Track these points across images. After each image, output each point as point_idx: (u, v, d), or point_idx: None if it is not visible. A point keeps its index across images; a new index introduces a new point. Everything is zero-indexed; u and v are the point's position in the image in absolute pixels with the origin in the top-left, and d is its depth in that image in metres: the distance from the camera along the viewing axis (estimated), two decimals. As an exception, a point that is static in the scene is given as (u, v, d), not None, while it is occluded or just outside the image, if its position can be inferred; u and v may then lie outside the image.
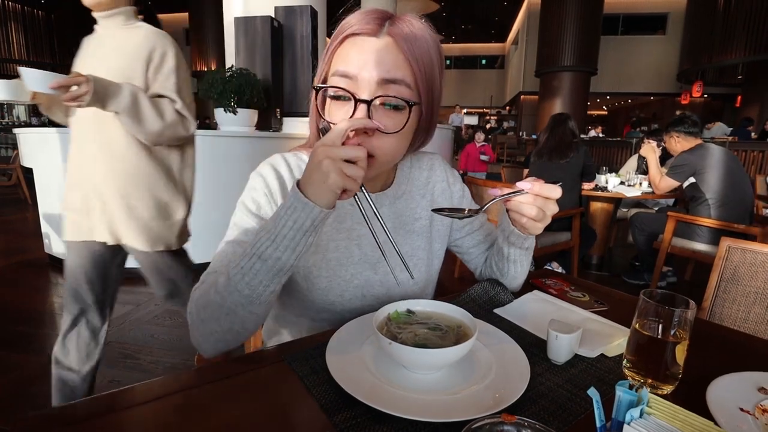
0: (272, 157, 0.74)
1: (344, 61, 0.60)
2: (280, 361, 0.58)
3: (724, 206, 2.44)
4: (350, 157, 0.51)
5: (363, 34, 0.59)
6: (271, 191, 0.69)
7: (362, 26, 0.59)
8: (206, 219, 3.07)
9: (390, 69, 0.59)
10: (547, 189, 0.60)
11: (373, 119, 0.58)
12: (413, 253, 0.77)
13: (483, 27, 18.19)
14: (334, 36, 0.62)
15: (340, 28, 0.61)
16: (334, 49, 0.62)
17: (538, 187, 0.60)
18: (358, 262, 0.73)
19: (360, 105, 0.58)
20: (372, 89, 0.58)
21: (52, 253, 3.17)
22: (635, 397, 0.39)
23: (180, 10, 15.49)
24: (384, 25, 0.60)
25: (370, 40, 0.59)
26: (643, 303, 0.54)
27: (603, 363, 0.59)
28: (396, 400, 0.47)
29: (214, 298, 0.57)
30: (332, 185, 0.51)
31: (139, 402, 0.50)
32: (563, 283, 0.89)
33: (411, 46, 0.60)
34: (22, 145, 3.31)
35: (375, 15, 0.60)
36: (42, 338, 2.12)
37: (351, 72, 0.59)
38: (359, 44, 0.59)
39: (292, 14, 4.08)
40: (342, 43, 0.61)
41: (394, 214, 0.76)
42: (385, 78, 0.58)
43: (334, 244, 0.72)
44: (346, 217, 0.73)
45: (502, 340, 0.61)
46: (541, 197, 0.60)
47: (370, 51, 0.59)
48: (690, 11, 12.54)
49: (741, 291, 1.15)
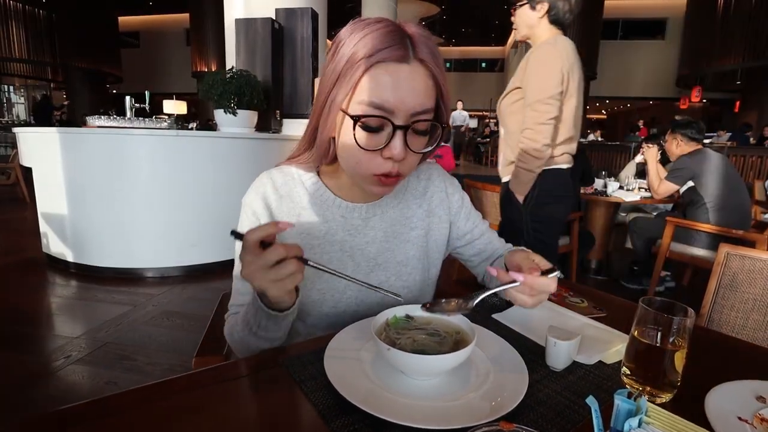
0: (259, 179, 0.73)
1: (378, 92, 0.58)
2: (278, 365, 0.58)
3: (722, 210, 2.45)
4: (272, 263, 0.50)
5: (392, 61, 0.58)
6: (258, 222, 0.70)
7: (390, 53, 0.57)
8: (208, 220, 3.08)
9: (424, 101, 0.60)
10: (541, 283, 0.58)
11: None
12: (407, 262, 0.76)
13: (483, 30, 18.23)
14: (353, 58, 0.58)
15: (361, 51, 0.58)
16: (360, 76, 0.58)
17: (531, 281, 0.57)
18: (351, 273, 0.72)
19: (398, 132, 0.59)
20: (407, 117, 0.59)
21: (50, 253, 3.16)
22: (634, 407, 0.39)
23: (181, 11, 15.54)
24: (408, 46, 0.58)
25: (402, 69, 0.58)
26: (642, 310, 0.54)
27: (601, 370, 0.59)
28: (394, 406, 0.47)
29: (237, 343, 0.67)
30: (277, 294, 0.53)
31: (134, 405, 0.50)
32: (562, 289, 0.89)
33: (437, 68, 0.60)
34: (22, 144, 3.30)
35: (397, 36, 0.58)
36: (39, 338, 2.11)
37: (388, 105, 0.58)
38: (392, 74, 0.58)
39: (293, 16, 4.09)
40: (369, 69, 0.58)
41: (389, 222, 0.75)
42: (421, 109, 0.59)
43: (327, 257, 0.72)
44: (338, 230, 0.72)
45: (500, 346, 0.61)
46: (534, 290, 0.58)
47: (405, 80, 0.58)
48: (689, 17, 12.60)
49: (739, 298, 1.15)
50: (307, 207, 0.72)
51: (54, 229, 3.09)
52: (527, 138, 1.50)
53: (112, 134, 2.84)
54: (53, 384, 1.74)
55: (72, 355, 1.94)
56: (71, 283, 2.87)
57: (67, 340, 2.06)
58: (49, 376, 1.79)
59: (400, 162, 0.61)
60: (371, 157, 0.61)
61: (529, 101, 1.50)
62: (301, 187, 0.72)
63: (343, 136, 0.62)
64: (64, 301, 2.61)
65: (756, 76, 11.02)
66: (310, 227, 0.72)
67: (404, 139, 0.59)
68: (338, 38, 0.62)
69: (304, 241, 0.71)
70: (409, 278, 0.76)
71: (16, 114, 15.27)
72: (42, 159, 3.04)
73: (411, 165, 0.64)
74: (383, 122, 0.58)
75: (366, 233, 0.73)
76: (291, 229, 0.71)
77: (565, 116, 1.53)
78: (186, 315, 2.40)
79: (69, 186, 2.92)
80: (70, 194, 2.93)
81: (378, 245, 0.74)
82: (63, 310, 2.49)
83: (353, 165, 0.63)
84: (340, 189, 0.73)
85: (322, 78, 0.64)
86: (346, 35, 0.60)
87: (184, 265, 3.03)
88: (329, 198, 0.72)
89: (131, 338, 2.12)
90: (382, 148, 0.60)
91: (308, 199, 0.72)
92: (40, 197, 3.15)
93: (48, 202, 3.08)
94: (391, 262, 0.75)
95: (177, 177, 2.94)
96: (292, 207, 0.72)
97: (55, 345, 2.03)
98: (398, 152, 0.59)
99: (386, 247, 0.74)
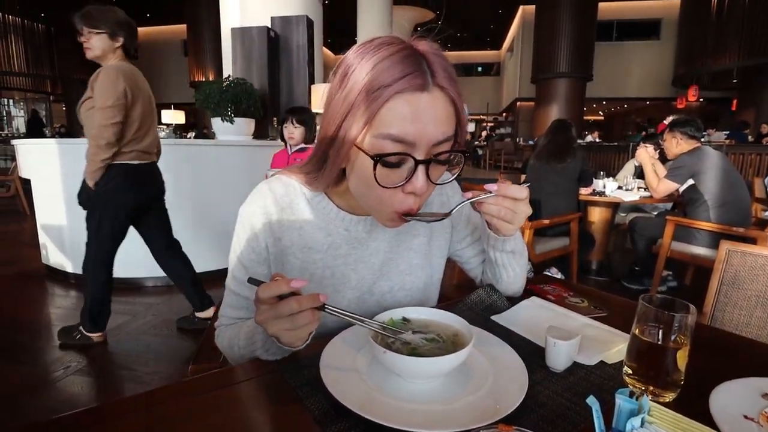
0: (258, 191, 0.71)
1: (397, 124, 0.54)
2: (275, 371, 0.57)
3: (722, 207, 2.44)
4: (286, 315, 0.50)
5: (411, 91, 0.53)
6: (258, 238, 0.69)
7: (409, 82, 0.53)
8: (204, 227, 3.07)
9: (446, 129, 0.56)
10: (512, 190, 0.60)
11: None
12: (410, 270, 0.76)
13: (478, 35, 18.33)
14: (368, 88, 0.54)
15: (376, 81, 0.53)
16: (378, 109, 0.54)
17: (503, 188, 0.60)
18: (355, 287, 0.72)
19: (420, 167, 0.55)
20: (428, 149, 0.56)
21: (50, 264, 3.15)
22: (636, 406, 0.38)
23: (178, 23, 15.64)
24: (426, 72, 0.54)
25: (422, 98, 0.54)
26: (643, 308, 0.53)
27: (603, 370, 0.58)
28: (391, 410, 0.46)
29: (238, 357, 0.65)
30: (290, 341, 0.53)
31: (130, 412, 0.49)
32: (562, 289, 0.88)
33: (456, 93, 0.57)
34: (21, 157, 3.30)
35: (414, 62, 0.54)
36: (38, 349, 2.10)
37: (409, 139, 0.54)
38: (411, 104, 0.53)
39: (288, 24, 4.11)
40: (387, 102, 0.53)
41: (393, 232, 0.74)
42: (443, 138, 0.56)
43: (330, 271, 0.71)
44: (342, 243, 0.71)
45: (499, 347, 0.60)
46: (509, 198, 0.61)
47: (425, 110, 0.54)
48: (683, 16, 12.65)
49: (742, 295, 1.14)
50: (309, 220, 0.70)
51: (53, 240, 3.09)
52: (93, 137, 1.86)
53: (110, 144, 2.84)
54: (53, 395, 1.72)
55: (71, 365, 1.92)
56: (70, 294, 2.86)
57: (67, 351, 2.05)
58: (48, 387, 1.77)
59: (421, 195, 0.58)
60: (392, 194, 0.57)
61: (96, 107, 1.85)
62: (302, 199, 0.70)
63: (359, 171, 0.58)
64: (64, 312, 2.60)
65: (752, 75, 11.05)
66: (312, 241, 0.70)
67: (426, 172, 0.56)
68: (346, 62, 0.57)
69: (307, 256, 0.70)
70: (413, 286, 0.76)
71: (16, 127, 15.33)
72: (40, 170, 3.04)
73: (429, 194, 0.61)
74: (404, 158, 0.55)
75: (369, 245, 0.72)
76: (293, 242, 0.70)
77: (131, 120, 1.94)
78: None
79: (67, 197, 2.92)
80: (68, 205, 2.93)
81: (382, 256, 0.73)
82: (62, 321, 2.47)
83: (373, 202, 0.60)
84: (345, 204, 0.71)
85: (329, 104, 0.59)
86: (356, 60, 0.56)
87: (184, 273, 3.02)
88: (332, 211, 0.70)
89: (131, 348, 2.11)
90: (403, 183, 0.56)
91: (310, 212, 0.70)
92: (39, 209, 3.15)
93: (47, 214, 3.08)
94: (394, 272, 0.74)
95: (175, 186, 2.93)
96: (294, 220, 0.69)
97: (55, 356, 2.01)
98: (421, 186, 0.56)
99: (390, 257, 0.74)
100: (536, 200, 2.68)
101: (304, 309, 0.50)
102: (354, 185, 0.62)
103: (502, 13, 16.04)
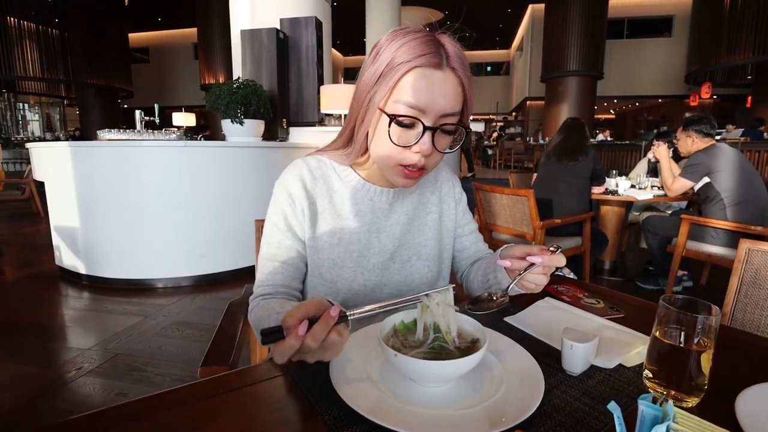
0: (294, 164, 0.80)
1: (413, 93, 0.64)
2: (284, 374, 0.56)
3: (739, 205, 2.38)
4: (316, 348, 0.50)
5: (429, 67, 0.64)
6: (294, 201, 0.76)
7: (428, 59, 0.64)
8: (217, 229, 3.09)
9: (453, 104, 0.66)
10: (555, 260, 0.66)
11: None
12: (425, 242, 0.84)
13: (487, 34, 18.22)
14: (393, 62, 0.65)
15: (401, 57, 0.64)
16: (399, 78, 0.65)
17: (547, 260, 0.65)
18: (378, 252, 0.79)
19: (427, 131, 0.65)
20: (436, 118, 0.66)
21: (63, 265, 3.19)
22: (660, 412, 0.36)
23: (189, 26, 15.83)
24: (442, 55, 0.65)
25: (437, 74, 0.65)
26: (663, 309, 0.51)
27: (622, 373, 0.56)
28: (403, 415, 0.45)
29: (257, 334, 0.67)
30: (333, 357, 0.53)
31: (139, 416, 0.49)
32: (576, 290, 0.86)
33: (466, 78, 0.68)
34: (34, 159, 3.36)
35: (434, 45, 0.65)
36: (52, 350, 2.12)
37: (421, 105, 0.64)
38: (427, 78, 0.64)
39: (298, 25, 4.12)
40: (407, 73, 0.65)
41: (410, 206, 0.83)
42: (449, 111, 0.66)
43: (356, 237, 0.78)
44: (367, 212, 0.79)
45: (513, 350, 0.59)
46: (549, 267, 0.66)
47: (438, 84, 0.65)
48: (696, 12, 12.43)
49: (763, 295, 1.10)
50: (339, 190, 0.79)
51: (66, 242, 3.13)
52: None
53: (121, 147, 2.87)
54: (65, 396, 1.74)
55: (83, 366, 1.94)
56: (83, 295, 2.89)
57: (79, 352, 2.07)
58: (61, 388, 1.79)
59: (426, 157, 0.68)
60: (401, 151, 0.67)
61: None
62: (333, 172, 0.80)
63: (378, 130, 0.69)
64: (77, 313, 2.63)
65: (767, 70, 10.81)
66: (341, 209, 0.79)
67: (432, 137, 0.66)
68: (379, 44, 0.69)
69: (336, 222, 0.78)
70: (428, 257, 0.84)
71: (31, 131, 15.62)
72: (54, 173, 3.08)
73: (434, 161, 0.71)
74: (415, 121, 0.65)
75: (390, 216, 0.81)
76: (324, 208, 0.77)
77: None
78: (196, 325, 2.40)
79: (80, 199, 2.96)
80: (81, 207, 2.97)
81: (401, 226, 0.82)
82: (75, 322, 2.50)
83: (384, 157, 0.69)
84: (369, 176, 0.80)
85: (360, 80, 0.71)
86: (387, 42, 0.67)
87: (194, 275, 3.04)
88: (359, 183, 0.79)
89: (142, 349, 2.12)
90: (412, 144, 0.66)
91: (340, 183, 0.80)
92: (52, 211, 3.20)
93: (60, 216, 3.12)
94: (411, 243, 0.83)
95: (186, 187, 2.96)
96: (325, 188, 0.79)
97: (68, 357, 2.03)
98: (426, 148, 0.66)
99: (408, 228, 0.82)
100: (548, 199, 2.64)
101: (329, 331, 0.51)
102: (372, 145, 0.72)
103: (512, 13, 15.93)
